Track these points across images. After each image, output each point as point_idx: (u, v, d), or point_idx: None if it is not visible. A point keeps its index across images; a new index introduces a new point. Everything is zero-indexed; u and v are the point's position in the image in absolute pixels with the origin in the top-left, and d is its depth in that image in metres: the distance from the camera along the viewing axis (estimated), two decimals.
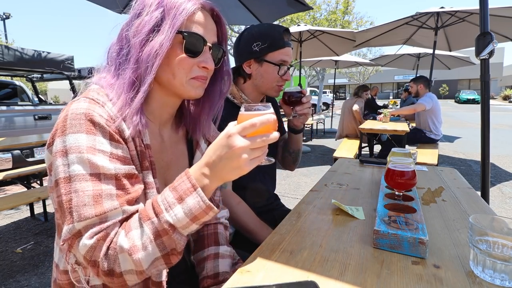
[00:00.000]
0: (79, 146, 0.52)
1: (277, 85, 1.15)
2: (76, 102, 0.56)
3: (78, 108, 0.54)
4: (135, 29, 0.61)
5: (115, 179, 0.54)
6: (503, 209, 3.00)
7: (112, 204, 0.52)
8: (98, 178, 0.52)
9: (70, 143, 0.52)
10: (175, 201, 0.53)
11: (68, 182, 0.51)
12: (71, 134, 0.52)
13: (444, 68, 8.87)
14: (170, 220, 0.52)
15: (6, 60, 3.73)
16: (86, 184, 0.51)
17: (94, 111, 0.55)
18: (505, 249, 0.53)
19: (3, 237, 2.58)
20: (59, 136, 0.53)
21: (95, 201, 0.51)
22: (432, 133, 4.12)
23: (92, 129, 0.53)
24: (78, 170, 0.51)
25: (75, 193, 0.51)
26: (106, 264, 0.51)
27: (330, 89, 31.38)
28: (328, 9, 15.15)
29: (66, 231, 0.51)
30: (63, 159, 0.52)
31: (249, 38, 1.11)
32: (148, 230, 0.52)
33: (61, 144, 0.53)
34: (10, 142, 2.56)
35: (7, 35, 19.55)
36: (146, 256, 0.52)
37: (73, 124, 0.53)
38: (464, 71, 32.96)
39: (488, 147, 1.65)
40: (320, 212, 0.88)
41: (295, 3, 3.03)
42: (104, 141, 0.54)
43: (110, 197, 0.53)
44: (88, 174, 0.52)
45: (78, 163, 0.51)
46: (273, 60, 1.10)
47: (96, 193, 0.52)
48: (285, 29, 1.12)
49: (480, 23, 1.58)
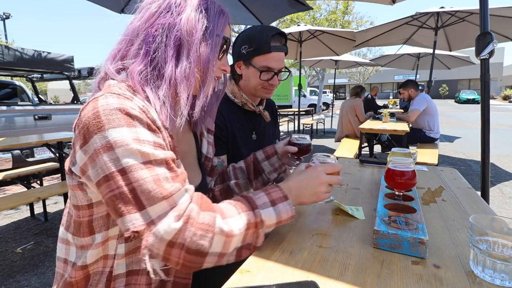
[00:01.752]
0: (124, 139, 0.52)
1: (263, 88, 1.14)
2: (102, 98, 0.55)
3: (109, 104, 0.53)
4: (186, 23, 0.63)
5: (165, 163, 0.56)
6: (503, 209, 3.00)
7: (174, 186, 0.54)
8: (151, 165, 0.53)
9: (114, 137, 0.51)
10: (268, 203, 0.64)
11: (124, 174, 0.51)
12: (112, 129, 0.52)
13: (444, 68, 8.86)
14: (263, 216, 0.61)
15: (6, 60, 3.73)
16: (143, 172, 0.52)
17: (126, 105, 0.55)
18: (505, 249, 0.53)
19: (3, 237, 2.58)
20: (96, 133, 0.52)
21: (157, 185, 0.52)
22: (432, 132, 4.12)
23: (131, 121, 0.54)
24: (131, 161, 0.52)
25: (136, 183, 0.51)
26: (195, 245, 0.52)
27: (330, 89, 31.39)
28: (328, 9, 15.15)
29: (133, 220, 0.51)
30: (110, 154, 0.51)
31: (240, 40, 1.12)
32: (244, 220, 0.59)
33: (102, 140, 0.52)
34: (10, 142, 2.56)
35: (7, 35, 19.53)
36: (235, 243, 0.57)
37: (111, 119, 0.52)
38: (464, 71, 32.98)
39: (488, 147, 1.65)
40: (320, 212, 0.88)
41: (295, 3, 3.03)
42: (145, 131, 0.55)
43: (167, 180, 0.54)
44: (142, 163, 0.52)
45: (129, 155, 0.52)
46: (257, 65, 1.10)
47: (155, 178, 0.52)
48: (277, 33, 1.08)
49: (480, 23, 1.58)
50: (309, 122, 8.30)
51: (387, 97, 36.99)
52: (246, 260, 0.63)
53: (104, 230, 0.62)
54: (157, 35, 0.62)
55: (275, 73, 1.11)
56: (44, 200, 2.93)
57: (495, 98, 35.60)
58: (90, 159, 0.53)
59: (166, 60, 0.62)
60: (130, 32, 0.65)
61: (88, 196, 0.60)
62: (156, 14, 0.64)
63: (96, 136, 0.52)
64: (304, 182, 0.71)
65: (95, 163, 0.53)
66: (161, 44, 0.62)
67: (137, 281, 0.65)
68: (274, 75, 1.12)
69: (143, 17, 0.65)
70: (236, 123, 1.15)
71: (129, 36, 0.65)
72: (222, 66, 0.74)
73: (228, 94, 1.17)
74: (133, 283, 0.65)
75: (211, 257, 0.55)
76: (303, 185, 0.70)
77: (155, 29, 0.63)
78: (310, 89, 20.47)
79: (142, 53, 0.63)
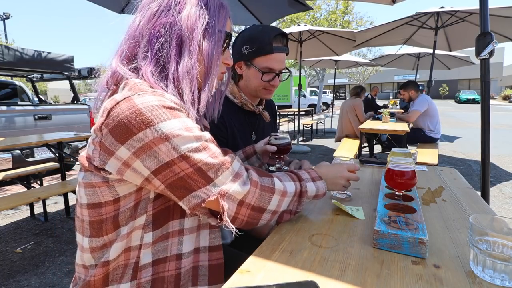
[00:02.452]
0: (177, 130, 0.56)
1: (264, 88, 1.13)
2: (137, 97, 0.56)
3: (149, 101, 0.56)
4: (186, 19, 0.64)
5: (212, 141, 0.62)
6: (503, 209, 3.00)
7: (228, 158, 0.62)
8: (206, 145, 0.60)
9: (166, 129, 0.55)
10: (310, 179, 0.79)
11: (187, 158, 0.57)
12: (162, 122, 0.55)
13: (444, 68, 8.87)
14: (307, 186, 0.76)
15: (6, 60, 3.73)
16: (202, 154, 0.58)
17: (164, 100, 0.58)
18: (505, 249, 0.53)
19: (3, 237, 2.58)
20: (144, 129, 0.54)
21: (217, 160, 0.60)
22: (432, 132, 4.13)
23: (176, 113, 0.57)
24: (189, 146, 0.57)
25: (200, 162, 0.58)
26: (259, 202, 0.65)
27: (330, 89, 31.39)
28: (328, 9, 15.15)
29: (207, 192, 0.58)
30: (168, 144, 0.55)
31: (241, 40, 1.11)
32: (294, 186, 0.73)
33: (155, 134, 0.55)
34: (10, 142, 2.56)
35: (7, 35, 19.54)
36: (286, 203, 0.71)
37: (157, 114, 0.55)
38: (464, 71, 32.99)
39: (488, 147, 1.65)
40: (320, 212, 0.88)
41: (295, 3, 3.03)
42: (188, 120, 0.60)
43: (220, 153, 0.62)
44: (199, 145, 0.58)
45: (186, 142, 0.56)
46: (258, 66, 1.09)
47: (212, 154, 0.59)
48: (279, 34, 1.07)
49: (480, 23, 1.58)
50: (309, 122, 8.30)
51: (387, 97, 37.01)
52: (246, 260, 0.63)
53: (131, 221, 0.63)
54: (160, 35, 0.63)
55: (276, 74, 1.11)
56: (44, 200, 2.93)
57: (495, 98, 35.61)
58: (140, 152, 0.56)
59: (170, 60, 0.64)
60: (133, 32, 0.66)
61: (115, 190, 0.61)
62: (157, 13, 0.65)
63: (145, 131, 0.54)
64: (331, 172, 0.85)
65: (148, 155, 0.56)
66: (165, 44, 0.63)
67: (166, 268, 0.67)
68: (275, 76, 1.11)
69: (144, 17, 0.65)
70: (235, 123, 1.15)
71: (132, 36, 0.66)
72: (225, 60, 0.75)
73: (228, 94, 1.17)
74: (161, 271, 0.66)
75: (267, 214, 0.68)
76: (330, 174, 0.84)
77: (158, 29, 0.64)
78: (310, 89, 20.46)
79: (149, 54, 0.64)
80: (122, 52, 0.66)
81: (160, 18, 0.64)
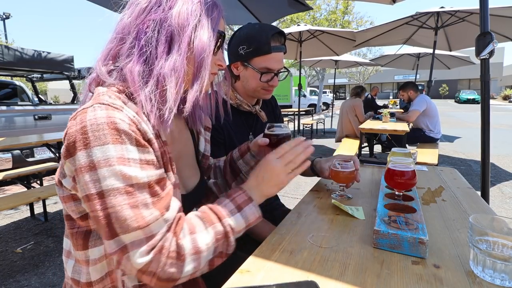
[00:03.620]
0: (109, 159, 0.50)
1: (263, 89, 1.11)
2: (91, 110, 0.52)
3: (97, 118, 0.51)
4: (177, 16, 0.60)
5: (148, 187, 0.53)
6: (503, 209, 3.00)
7: (152, 215, 0.52)
8: (132, 189, 0.51)
9: (98, 157, 0.50)
10: (235, 210, 0.64)
11: (103, 197, 0.50)
12: (97, 147, 0.50)
13: (444, 68, 8.87)
14: (232, 224, 0.62)
15: (6, 60, 3.73)
16: (122, 198, 0.50)
17: (115, 117, 0.52)
18: (505, 249, 0.53)
19: (3, 237, 2.58)
20: (82, 150, 0.50)
21: (134, 213, 0.51)
22: (432, 132, 4.13)
23: (118, 138, 0.51)
24: (111, 185, 0.50)
25: (112, 208, 0.50)
26: (165, 274, 0.53)
27: (330, 89, 31.39)
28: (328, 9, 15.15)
29: (109, 247, 0.52)
30: (92, 174, 0.50)
31: (237, 40, 1.08)
32: (212, 234, 0.59)
33: (86, 159, 0.50)
34: (10, 142, 2.56)
35: (7, 35, 19.56)
36: (205, 258, 0.58)
37: (97, 136, 0.50)
38: (464, 71, 32.98)
39: (488, 147, 1.65)
40: (320, 212, 0.88)
41: (295, 3, 3.03)
42: (132, 148, 0.53)
43: (147, 206, 0.52)
44: (122, 187, 0.50)
45: (110, 177, 0.50)
46: (256, 66, 1.06)
47: (133, 205, 0.51)
48: (276, 32, 1.05)
49: (480, 23, 1.58)
50: (309, 122, 8.30)
51: (387, 97, 36.99)
52: (246, 260, 0.63)
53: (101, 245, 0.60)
54: (149, 31, 0.60)
55: (275, 74, 1.09)
56: (44, 200, 2.92)
57: (495, 98, 35.60)
58: (76, 174, 0.52)
59: (157, 56, 0.60)
60: (120, 30, 0.63)
61: (82, 207, 0.58)
62: (146, 9, 0.61)
63: (81, 153, 0.50)
64: (260, 177, 0.69)
65: (79, 179, 0.52)
66: (153, 40, 0.60)
67: None
68: (274, 76, 1.09)
69: (133, 13, 0.62)
70: (231, 124, 1.12)
71: (120, 34, 0.62)
72: (217, 61, 0.71)
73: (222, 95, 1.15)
74: None
75: (183, 278, 0.56)
76: (261, 180, 0.69)
77: (147, 25, 0.60)
78: (310, 89, 20.46)
79: (136, 51, 0.60)
80: (109, 51, 0.63)
81: (150, 14, 0.61)
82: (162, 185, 0.57)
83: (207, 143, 0.90)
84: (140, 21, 0.61)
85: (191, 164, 0.82)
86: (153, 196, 0.54)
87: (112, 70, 0.62)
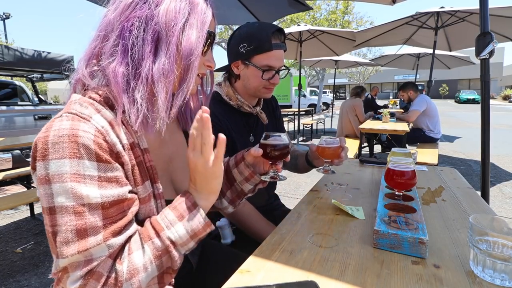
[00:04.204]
0: (62, 174, 0.47)
1: (264, 88, 1.11)
2: (58, 120, 0.50)
3: (60, 129, 0.49)
4: (165, 14, 0.57)
5: (102, 208, 0.50)
6: (503, 209, 3.00)
7: (96, 239, 0.49)
8: (82, 209, 0.48)
9: (52, 170, 0.47)
10: (176, 219, 0.56)
11: (52, 213, 0.48)
12: (54, 160, 0.47)
13: (444, 68, 8.87)
14: (172, 237, 0.54)
15: (6, 60, 3.74)
16: (69, 218, 0.48)
17: (79, 129, 0.49)
18: (505, 249, 0.53)
19: (3, 237, 2.58)
20: (40, 160, 0.48)
21: (78, 236, 0.48)
22: (432, 132, 4.13)
23: (76, 152, 0.48)
24: (61, 202, 0.48)
25: (58, 227, 0.48)
26: None
27: (330, 89, 31.38)
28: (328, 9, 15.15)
29: (53, 265, 0.50)
30: (45, 188, 0.48)
31: (237, 38, 1.08)
32: (149, 250, 0.53)
33: (43, 171, 0.48)
34: (10, 142, 2.56)
35: (7, 35, 19.56)
36: (146, 278, 0.52)
37: (56, 148, 0.48)
38: (464, 71, 32.96)
39: (488, 147, 1.65)
40: (320, 212, 0.88)
41: (295, 3, 3.03)
42: (91, 164, 0.49)
43: (94, 230, 0.49)
44: (71, 206, 0.48)
45: (61, 194, 0.48)
46: (258, 64, 1.06)
47: (80, 227, 0.48)
48: (276, 30, 1.05)
49: (480, 23, 1.58)
50: (309, 122, 8.30)
51: (387, 97, 37.00)
52: (246, 260, 0.63)
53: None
54: (134, 29, 0.56)
55: (276, 71, 1.09)
56: None
57: (495, 98, 35.60)
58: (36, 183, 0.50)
59: (144, 57, 0.56)
60: (104, 27, 0.59)
61: None
62: (131, 5, 0.58)
63: (40, 164, 0.49)
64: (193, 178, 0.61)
65: (37, 189, 0.50)
66: (139, 39, 0.56)
67: None
68: (275, 74, 1.09)
69: (117, 9, 0.58)
70: (232, 125, 1.11)
71: (103, 31, 0.59)
72: (206, 62, 0.67)
73: (223, 96, 1.14)
74: None
75: None
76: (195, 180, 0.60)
77: (131, 23, 0.56)
78: (310, 89, 20.46)
79: (119, 50, 0.56)
80: (92, 50, 0.60)
81: (135, 10, 0.57)
82: (120, 207, 0.53)
83: None
84: (124, 18, 0.57)
85: (183, 167, 0.76)
86: (104, 218, 0.50)
87: (96, 70, 0.59)
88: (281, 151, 0.76)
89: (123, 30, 0.57)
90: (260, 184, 0.83)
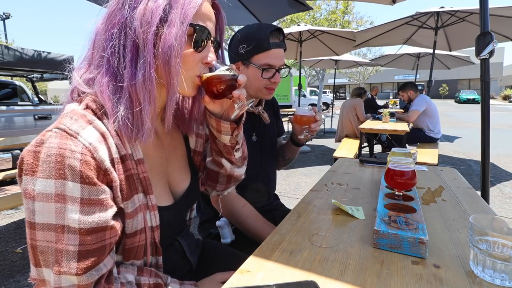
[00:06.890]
0: (47, 194, 0.47)
1: (266, 88, 1.11)
2: (48, 136, 0.49)
3: (49, 148, 0.48)
4: (140, 17, 0.53)
5: (79, 233, 0.49)
6: (503, 209, 3.00)
7: (68, 267, 0.49)
8: (62, 230, 0.48)
9: (38, 189, 0.48)
10: None
11: (32, 228, 0.48)
12: (40, 179, 0.48)
13: (444, 68, 8.88)
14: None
15: (6, 60, 3.74)
16: (48, 238, 0.48)
17: (66, 149, 0.48)
18: (505, 249, 0.53)
19: (3, 237, 2.58)
20: (29, 175, 0.48)
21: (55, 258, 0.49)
22: (432, 132, 4.13)
23: (62, 173, 0.48)
24: (42, 220, 0.48)
25: (37, 242, 0.49)
26: None
27: (330, 89, 31.40)
28: (328, 9, 15.15)
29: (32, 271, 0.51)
30: (28, 203, 0.48)
31: (236, 40, 1.09)
32: None
33: (29, 186, 0.48)
34: (10, 142, 2.56)
35: (7, 35, 19.56)
36: None
37: (44, 167, 0.48)
38: (464, 71, 33.01)
39: (488, 147, 1.65)
40: (320, 212, 0.88)
41: (295, 3, 3.03)
42: (74, 186, 0.48)
43: (68, 255, 0.49)
44: (52, 226, 0.48)
45: (43, 213, 0.48)
46: (257, 63, 1.06)
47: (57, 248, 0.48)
48: (275, 29, 1.06)
49: (480, 23, 1.58)
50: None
51: (387, 97, 36.96)
52: (246, 260, 0.63)
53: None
54: (115, 37, 0.54)
55: (276, 70, 1.09)
56: None
57: (495, 98, 35.60)
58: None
59: (125, 66, 0.54)
60: (93, 37, 0.58)
61: None
62: (114, 11, 0.55)
63: (27, 177, 0.48)
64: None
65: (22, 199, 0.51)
66: (120, 48, 0.54)
67: None
68: (275, 73, 1.09)
69: (103, 17, 0.57)
70: None
71: (92, 41, 0.58)
72: (203, 59, 0.61)
73: None
74: None
75: None
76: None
77: (112, 31, 0.54)
78: (310, 89, 20.47)
79: (104, 60, 0.55)
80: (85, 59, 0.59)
81: (116, 16, 0.55)
82: (99, 236, 0.51)
83: (198, 138, 0.81)
84: (108, 25, 0.55)
85: (180, 167, 0.75)
86: (81, 244, 0.49)
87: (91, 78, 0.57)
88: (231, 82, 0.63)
89: (106, 39, 0.55)
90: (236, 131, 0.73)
